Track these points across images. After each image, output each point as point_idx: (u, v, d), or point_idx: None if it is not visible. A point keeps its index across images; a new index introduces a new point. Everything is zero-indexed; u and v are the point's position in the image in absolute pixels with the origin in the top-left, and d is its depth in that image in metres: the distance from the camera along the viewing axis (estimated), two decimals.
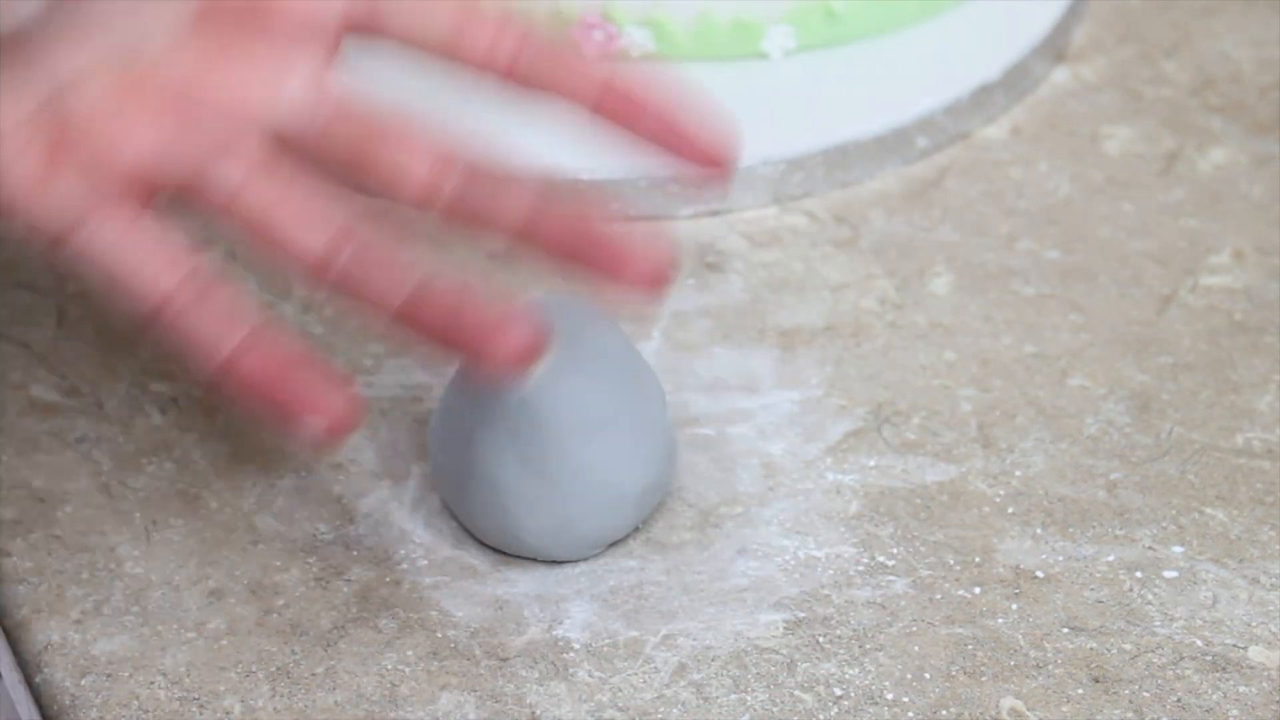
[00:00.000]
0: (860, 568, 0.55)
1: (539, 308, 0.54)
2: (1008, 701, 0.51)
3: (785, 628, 0.53)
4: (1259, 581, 0.54)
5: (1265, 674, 0.51)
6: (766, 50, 0.72)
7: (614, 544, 0.56)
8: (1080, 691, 0.51)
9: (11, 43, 0.46)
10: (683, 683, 0.52)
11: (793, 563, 0.55)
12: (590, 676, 0.52)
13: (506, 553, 0.55)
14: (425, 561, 0.55)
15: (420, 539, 0.56)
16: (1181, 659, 0.52)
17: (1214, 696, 0.51)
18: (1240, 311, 0.63)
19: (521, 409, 0.53)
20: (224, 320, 0.45)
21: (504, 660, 0.52)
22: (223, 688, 0.51)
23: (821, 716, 0.51)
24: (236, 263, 0.66)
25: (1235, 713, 0.50)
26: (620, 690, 0.51)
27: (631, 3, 0.71)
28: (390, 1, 0.47)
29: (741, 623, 0.53)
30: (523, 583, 0.54)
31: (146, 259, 0.45)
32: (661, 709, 0.51)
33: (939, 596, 0.54)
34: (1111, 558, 0.55)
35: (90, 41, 0.46)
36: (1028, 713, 0.51)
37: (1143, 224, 0.67)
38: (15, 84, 0.46)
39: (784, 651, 0.52)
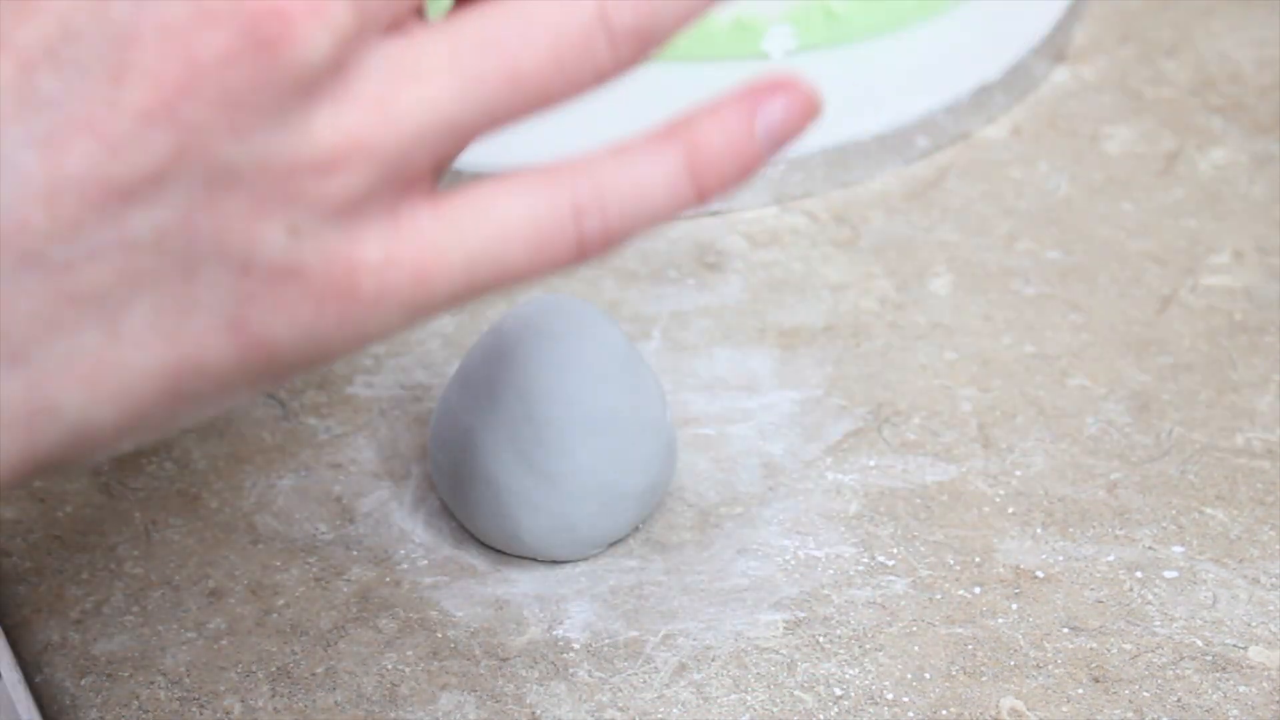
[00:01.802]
0: (860, 568, 0.55)
1: (542, 308, 0.55)
2: (1008, 701, 0.51)
3: (785, 628, 0.53)
4: (1259, 581, 0.54)
5: (1265, 674, 0.51)
6: (766, 50, 0.72)
7: (614, 544, 0.56)
8: (1080, 691, 0.51)
9: None
10: (683, 683, 0.52)
11: (793, 563, 0.55)
12: (590, 676, 0.52)
13: (506, 553, 0.55)
14: (425, 561, 0.55)
15: (420, 539, 0.56)
16: (1181, 659, 0.52)
17: (1214, 696, 0.51)
18: (1240, 311, 0.63)
19: (521, 409, 0.53)
20: None
21: (504, 660, 0.52)
22: (223, 688, 0.51)
23: (821, 716, 0.51)
24: None
25: (1235, 713, 0.50)
26: (620, 690, 0.51)
27: None
28: None
29: (741, 623, 0.53)
30: (523, 583, 0.55)
31: None
32: (661, 709, 0.51)
33: (939, 596, 0.54)
34: (1111, 558, 0.55)
35: None
36: (1028, 713, 0.51)
37: (1143, 224, 0.67)
38: None
39: (784, 651, 0.52)
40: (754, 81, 0.40)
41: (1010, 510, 0.56)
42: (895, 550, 0.55)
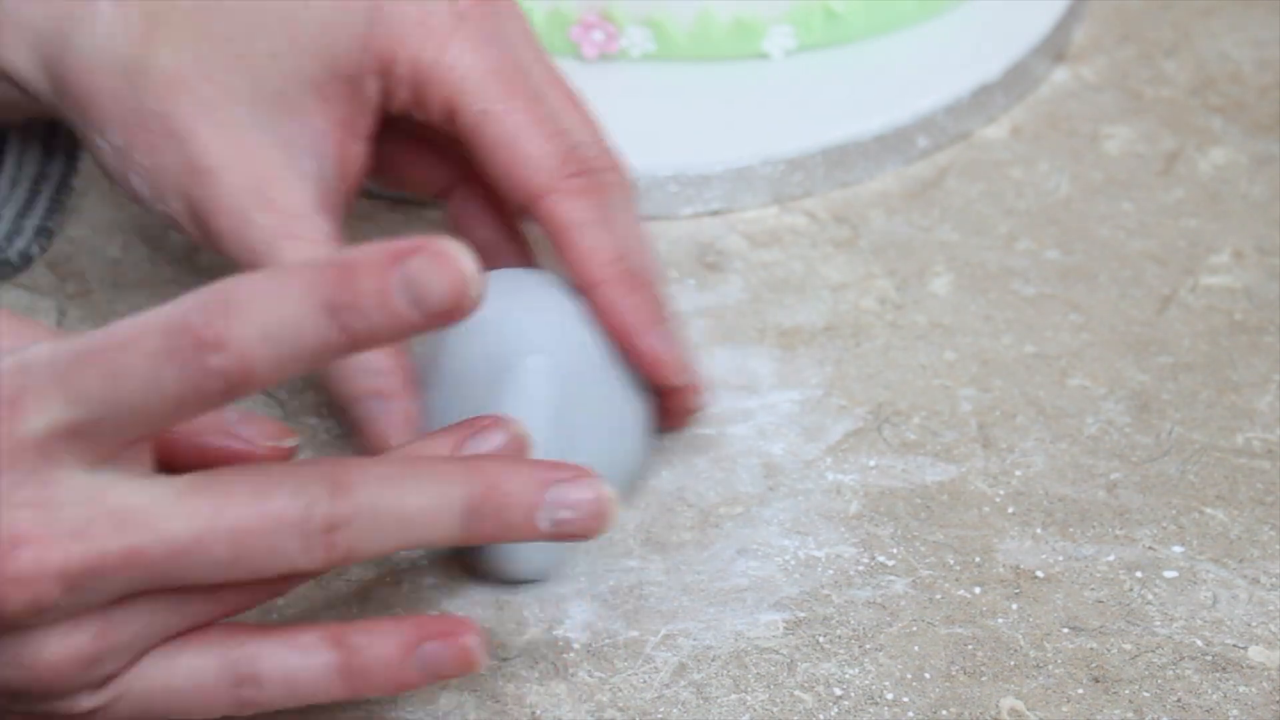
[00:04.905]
0: (860, 568, 0.55)
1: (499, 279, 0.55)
2: (1008, 701, 0.51)
3: (785, 628, 0.53)
4: (1259, 581, 0.54)
5: (1265, 674, 0.51)
6: (766, 50, 0.72)
7: (613, 542, 0.55)
8: (1080, 691, 0.51)
9: None
10: (683, 683, 0.52)
11: (793, 563, 0.55)
12: (590, 676, 0.52)
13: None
14: (425, 561, 0.55)
15: None
16: (1181, 659, 0.52)
17: (1214, 696, 0.51)
18: (1240, 311, 0.63)
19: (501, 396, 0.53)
20: None
21: (504, 660, 0.52)
22: None
23: (821, 716, 0.51)
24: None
25: (1235, 713, 0.50)
26: (620, 690, 0.51)
27: (631, 3, 0.71)
28: None
29: (741, 623, 0.53)
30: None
31: None
32: (661, 709, 0.51)
33: (939, 596, 0.54)
34: (1111, 558, 0.55)
35: None
36: (1028, 713, 0.51)
37: (1143, 224, 0.67)
38: None
39: (784, 651, 0.52)
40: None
41: (1010, 510, 0.56)
42: (895, 550, 0.55)
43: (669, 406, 0.57)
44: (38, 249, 0.64)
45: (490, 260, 0.60)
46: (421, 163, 0.60)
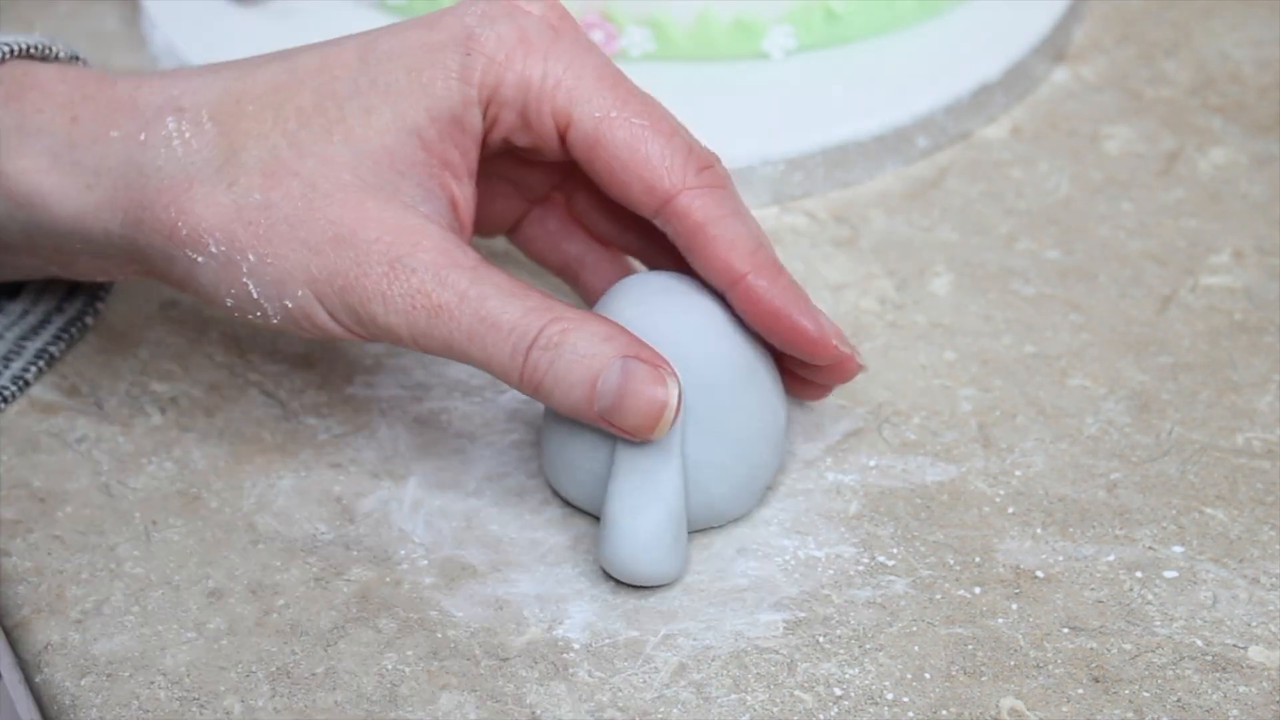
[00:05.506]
0: (860, 568, 0.55)
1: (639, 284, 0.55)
2: (1008, 701, 0.51)
3: (785, 628, 0.53)
4: (1259, 581, 0.54)
5: (1265, 674, 0.51)
6: (766, 50, 0.72)
7: None
8: (1080, 691, 0.51)
9: None
10: (683, 683, 0.52)
11: (793, 563, 0.55)
12: (590, 676, 0.52)
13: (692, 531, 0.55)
14: (425, 561, 0.55)
15: (420, 539, 0.56)
16: (1181, 659, 0.52)
17: (1214, 696, 0.51)
18: (1240, 311, 0.63)
19: (686, 379, 0.53)
20: None
21: (504, 660, 0.52)
22: (223, 688, 0.51)
23: (821, 716, 0.51)
24: None
25: (1235, 713, 0.50)
26: (620, 690, 0.51)
27: (631, 3, 0.71)
28: None
29: (741, 623, 0.53)
30: (523, 583, 0.54)
31: None
32: (661, 709, 0.51)
33: (939, 596, 0.54)
34: (1111, 558, 0.55)
35: None
36: (1028, 713, 0.51)
37: (1143, 224, 0.67)
38: None
39: (784, 651, 0.52)
40: None
41: (1010, 510, 0.56)
42: (895, 550, 0.55)
43: (826, 377, 0.56)
44: (34, 370, 0.61)
45: (590, 272, 0.60)
46: (496, 199, 0.59)
